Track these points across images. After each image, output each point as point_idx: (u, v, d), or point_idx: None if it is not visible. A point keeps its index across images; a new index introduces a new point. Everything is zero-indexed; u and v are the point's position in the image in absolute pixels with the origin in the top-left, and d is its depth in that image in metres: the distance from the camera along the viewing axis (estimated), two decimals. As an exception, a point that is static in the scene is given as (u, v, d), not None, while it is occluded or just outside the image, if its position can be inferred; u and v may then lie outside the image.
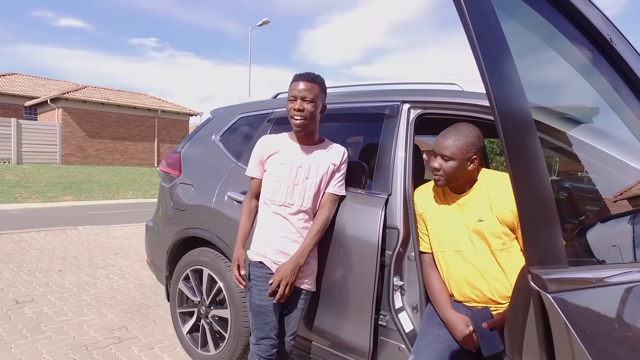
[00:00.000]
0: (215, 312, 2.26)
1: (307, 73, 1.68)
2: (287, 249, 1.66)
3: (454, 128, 1.51)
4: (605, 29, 0.64)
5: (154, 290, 3.65)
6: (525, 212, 0.61)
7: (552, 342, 0.60)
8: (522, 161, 0.61)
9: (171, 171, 2.67)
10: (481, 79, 0.62)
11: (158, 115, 21.57)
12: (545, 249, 0.61)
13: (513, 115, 0.63)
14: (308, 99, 1.62)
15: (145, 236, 2.90)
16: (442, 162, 1.49)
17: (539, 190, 0.62)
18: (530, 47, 0.75)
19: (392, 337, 1.65)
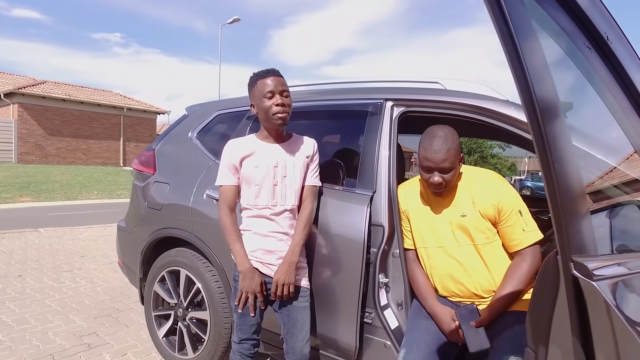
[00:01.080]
0: (193, 314, 2.19)
1: (271, 69, 1.65)
2: (273, 247, 1.63)
3: (438, 139, 1.47)
4: (604, 26, 0.66)
5: (125, 293, 3.51)
6: (561, 202, 0.62)
7: (588, 330, 0.61)
8: (554, 152, 0.62)
9: (145, 169, 2.57)
10: (516, 74, 0.61)
11: (124, 113, 20.81)
12: (583, 237, 0.62)
13: (547, 109, 0.64)
14: (285, 92, 1.61)
15: (117, 237, 2.78)
16: (443, 176, 1.46)
17: (572, 180, 0.63)
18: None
19: (378, 334, 1.66)
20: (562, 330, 0.65)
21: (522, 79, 0.59)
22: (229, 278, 2.01)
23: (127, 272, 2.69)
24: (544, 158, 0.65)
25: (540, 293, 0.75)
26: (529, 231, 1.45)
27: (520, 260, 1.46)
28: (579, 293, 0.63)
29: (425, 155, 1.48)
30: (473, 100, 1.67)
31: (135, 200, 2.60)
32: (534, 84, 0.59)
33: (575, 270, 0.63)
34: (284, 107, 1.59)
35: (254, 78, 1.64)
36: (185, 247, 2.26)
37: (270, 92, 1.58)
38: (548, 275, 0.71)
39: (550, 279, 0.69)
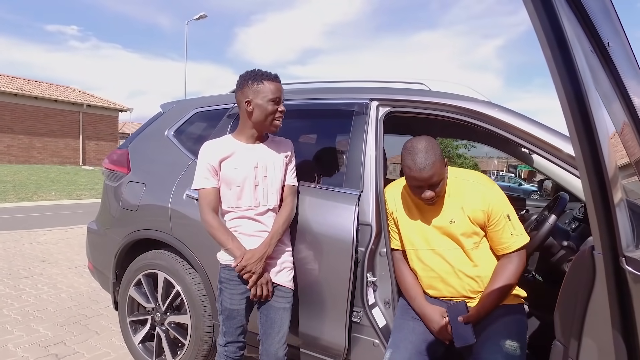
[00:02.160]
0: (172, 319, 2.12)
1: (275, 74, 1.64)
2: (256, 246, 1.60)
3: (420, 155, 1.43)
4: (606, 32, 0.69)
5: (93, 298, 3.35)
6: (610, 198, 0.63)
7: (631, 324, 0.63)
8: (601, 144, 0.63)
9: (118, 168, 2.45)
10: (563, 78, 0.61)
11: (83, 110, 19.84)
12: (627, 232, 0.64)
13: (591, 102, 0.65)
14: (283, 102, 1.64)
15: (87, 240, 2.64)
16: (434, 190, 1.45)
17: (615, 176, 0.65)
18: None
19: (366, 333, 1.66)
20: (598, 324, 0.68)
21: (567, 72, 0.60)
22: (211, 280, 1.96)
23: (99, 277, 2.56)
24: (590, 152, 0.64)
25: (571, 288, 0.78)
26: (516, 235, 1.49)
27: (507, 261, 1.50)
28: (620, 288, 0.65)
29: (412, 175, 1.44)
30: (457, 102, 1.71)
31: (107, 201, 2.48)
32: (588, 91, 0.60)
33: (628, 265, 0.65)
34: (283, 115, 1.62)
35: (260, 76, 1.60)
36: (163, 249, 2.18)
37: (278, 98, 1.59)
38: (582, 271, 0.73)
39: (584, 274, 0.72)
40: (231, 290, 1.60)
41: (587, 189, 0.66)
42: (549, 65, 0.59)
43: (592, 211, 0.65)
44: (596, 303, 0.69)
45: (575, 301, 0.74)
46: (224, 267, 1.62)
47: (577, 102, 0.60)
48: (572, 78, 0.59)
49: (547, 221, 1.68)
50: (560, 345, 0.76)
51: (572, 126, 0.61)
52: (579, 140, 0.62)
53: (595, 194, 0.64)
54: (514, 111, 1.62)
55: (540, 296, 1.91)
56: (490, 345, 1.40)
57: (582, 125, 0.61)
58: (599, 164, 0.62)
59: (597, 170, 0.63)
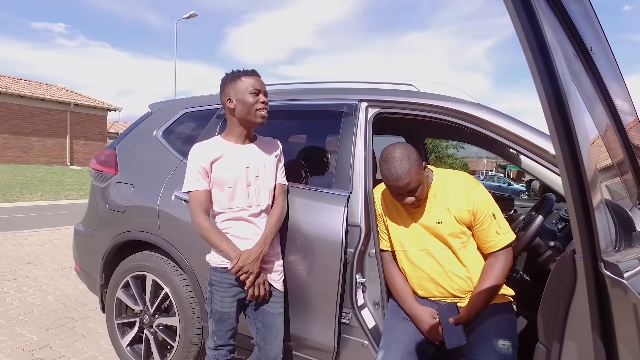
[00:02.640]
0: (161, 321, 2.10)
1: (252, 69, 1.66)
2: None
3: (394, 163, 1.45)
4: (589, 37, 0.70)
5: (80, 301, 3.30)
6: (590, 203, 0.64)
7: (610, 327, 0.64)
8: (581, 149, 0.64)
9: (105, 169, 2.42)
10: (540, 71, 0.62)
11: (70, 109, 19.55)
12: (606, 236, 0.64)
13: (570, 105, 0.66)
14: (265, 93, 1.64)
15: (74, 241, 2.60)
16: (415, 195, 1.48)
17: (594, 180, 0.65)
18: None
19: (355, 334, 1.67)
20: (579, 327, 0.69)
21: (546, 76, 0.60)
22: (200, 282, 1.95)
23: (86, 279, 2.53)
24: (570, 156, 0.65)
25: (553, 291, 0.78)
26: (502, 233, 1.50)
27: (494, 260, 1.52)
28: (600, 291, 0.66)
29: (389, 184, 1.49)
30: (446, 103, 1.72)
31: (95, 202, 2.45)
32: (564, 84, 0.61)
33: (607, 269, 0.65)
34: (266, 106, 1.61)
35: (237, 74, 1.62)
36: (151, 250, 2.16)
37: (257, 90, 1.59)
38: (563, 274, 0.74)
39: (566, 277, 0.72)
40: (222, 293, 1.58)
41: (568, 193, 0.66)
42: (530, 67, 0.60)
43: (573, 215, 0.66)
44: (577, 306, 0.70)
45: (557, 304, 0.75)
46: (215, 270, 1.61)
47: (557, 106, 0.61)
48: (552, 81, 0.59)
49: (535, 222, 1.70)
50: (543, 347, 0.77)
51: (552, 129, 0.62)
52: (559, 143, 0.63)
53: (575, 198, 0.64)
54: (501, 112, 1.64)
55: (528, 296, 1.93)
56: (484, 346, 1.41)
57: (562, 128, 0.61)
58: (579, 168, 0.63)
59: (577, 174, 0.63)
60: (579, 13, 0.67)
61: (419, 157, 1.50)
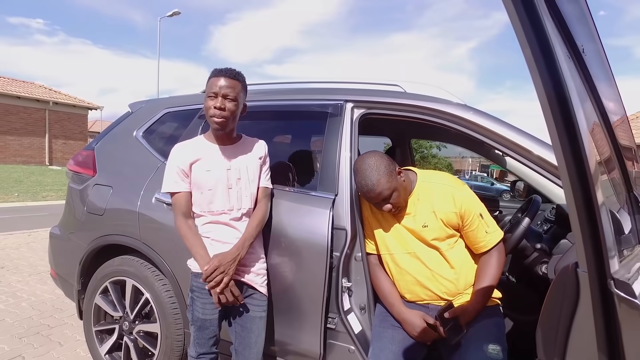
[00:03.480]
0: (141, 327, 2.03)
1: (228, 69, 1.55)
2: None
3: (363, 174, 1.46)
4: (582, 38, 0.68)
5: (57, 307, 3.18)
6: (598, 218, 0.61)
7: (617, 346, 0.61)
8: (588, 161, 0.61)
9: (83, 170, 2.34)
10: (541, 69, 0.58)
11: (49, 107, 19.04)
12: (612, 250, 0.61)
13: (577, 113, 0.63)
14: (230, 97, 1.50)
15: (50, 245, 2.50)
16: (391, 203, 1.47)
17: (599, 193, 0.62)
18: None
19: (341, 339, 1.64)
20: (583, 344, 0.66)
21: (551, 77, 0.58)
22: (182, 287, 1.89)
23: (62, 284, 2.43)
24: (576, 168, 0.61)
25: (554, 305, 0.75)
26: (491, 232, 1.50)
27: (488, 258, 1.51)
28: (607, 309, 0.63)
29: (363, 194, 1.50)
30: (432, 104, 1.70)
31: (72, 205, 2.36)
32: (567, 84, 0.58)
33: (618, 289, 0.62)
34: (223, 112, 1.49)
35: (210, 74, 1.55)
36: (131, 255, 2.09)
37: (214, 93, 1.50)
38: (565, 288, 0.71)
39: (568, 291, 0.69)
40: (203, 299, 1.53)
41: (571, 202, 0.63)
42: (529, 65, 0.57)
43: (577, 227, 0.63)
44: (581, 323, 0.67)
45: (558, 320, 0.72)
46: (196, 276, 1.56)
47: (560, 106, 0.58)
48: (554, 79, 0.57)
49: (521, 224, 1.69)
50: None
51: (554, 130, 0.59)
52: (560, 144, 0.59)
53: (579, 208, 0.61)
54: (487, 114, 1.63)
55: (514, 297, 1.93)
56: (474, 351, 1.40)
57: (565, 130, 0.59)
58: (584, 174, 0.60)
59: (581, 181, 0.60)
60: (573, 13, 0.65)
61: (390, 164, 1.49)
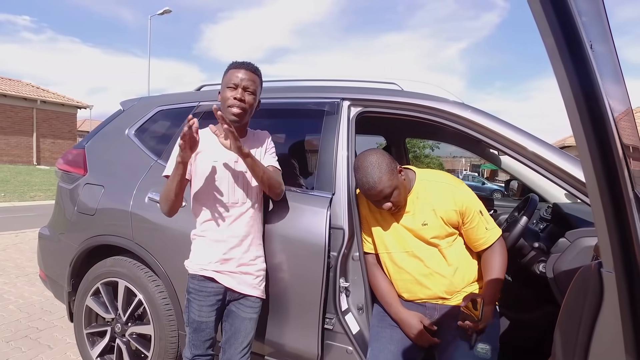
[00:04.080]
0: (134, 329, 1.99)
1: (248, 62, 1.54)
2: (230, 255, 1.52)
3: (365, 172, 1.45)
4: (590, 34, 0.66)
5: (46, 309, 3.12)
6: (616, 212, 0.59)
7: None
8: (602, 165, 0.59)
9: (73, 170, 2.28)
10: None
11: (37, 106, 18.73)
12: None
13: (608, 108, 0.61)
14: (250, 90, 1.50)
15: (39, 246, 2.45)
16: (391, 200, 1.46)
17: (621, 181, 0.60)
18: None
19: (339, 340, 1.62)
20: (607, 347, 0.64)
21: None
22: (176, 287, 1.86)
23: (52, 286, 2.38)
24: (602, 161, 0.60)
25: (574, 307, 0.73)
26: (491, 228, 1.51)
27: (491, 253, 1.51)
28: (636, 311, 0.61)
29: (365, 192, 1.49)
30: (430, 102, 1.69)
31: (62, 205, 2.31)
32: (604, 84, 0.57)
33: None
34: (242, 103, 1.49)
35: (229, 66, 1.54)
36: (123, 255, 2.04)
37: (234, 84, 1.49)
38: (586, 288, 0.69)
39: (591, 292, 0.67)
40: (200, 301, 1.50)
41: (597, 201, 0.60)
42: (552, 55, 0.55)
43: (603, 226, 0.60)
44: (604, 325, 0.65)
45: (579, 322, 0.70)
46: (193, 277, 1.53)
47: (586, 95, 0.56)
48: (582, 69, 0.55)
49: (519, 223, 1.69)
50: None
51: (578, 122, 0.57)
52: (586, 139, 0.57)
53: (606, 205, 0.58)
54: (486, 112, 1.62)
55: (510, 296, 1.93)
56: (462, 349, 1.40)
57: (591, 122, 0.57)
58: (613, 168, 0.57)
59: (606, 169, 0.57)
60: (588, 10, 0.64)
61: (391, 162, 1.48)
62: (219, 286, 1.51)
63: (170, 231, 1.85)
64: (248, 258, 1.54)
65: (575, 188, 1.43)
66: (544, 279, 1.66)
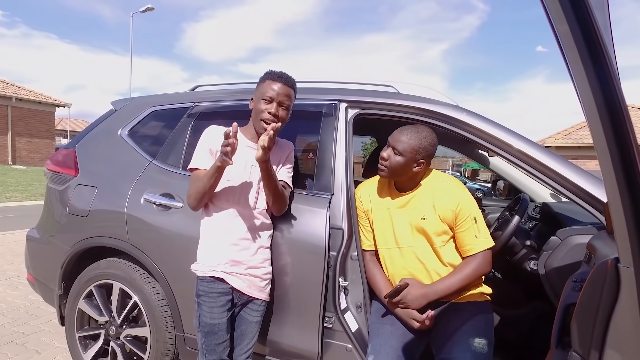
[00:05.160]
0: (129, 332, 1.97)
1: (285, 74, 1.54)
2: (239, 257, 1.53)
3: (414, 127, 1.58)
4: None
5: (32, 313, 3.04)
6: (636, 202, 0.62)
7: None
8: (621, 159, 0.62)
9: (64, 170, 2.24)
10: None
11: (12, 103, 18.14)
12: None
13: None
14: (285, 105, 1.51)
15: (27, 249, 2.39)
16: (391, 154, 1.54)
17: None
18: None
19: (338, 338, 1.64)
20: (624, 337, 0.68)
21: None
22: (173, 289, 1.85)
23: (41, 289, 2.33)
24: (620, 155, 0.62)
25: (591, 300, 0.78)
26: (481, 238, 1.53)
27: (471, 259, 1.54)
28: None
29: (394, 133, 1.59)
30: (426, 105, 1.74)
31: (52, 206, 2.26)
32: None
33: None
34: (275, 118, 1.49)
35: (266, 75, 1.54)
36: (117, 257, 2.02)
37: (270, 98, 1.49)
38: (604, 282, 0.73)
39: (608, 286, 0.72)
40: (211, 303, 1.49)
41: (615, 196, 0.64)
42: (566, 44, 0.57)
43: (622, 222, 0.65)
44: (621, 315, 0.70)
45: (596, 313, 0.75)
46: (202, 280, 1.52)
47: (602, 83, 0.59)
48: (600, 60, 0.58)
49: (511, 222, 1.75)
50: (578, 356, 0.78)
51: (594, 112, 0.60)
52: (603, 128, 0.59)
53: (623, 196, 0.62)
54: (480, 115, 1.67)
55: (500, 293, 1.99)
56: (460, 344, 1.44)
57: (607, 110, 0.59)
58: (631, 163, 0.61)
59: (624, 164, 0.60)
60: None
61: (429, 154, 1.56)
62: (228, 287, 1.51)
63: (168, 232, 1.85)
64: (257, 261, 1.56)
65: (563, 187, 1.49)
66: (534, 276, 1.73)
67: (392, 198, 1.64)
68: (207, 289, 1.50)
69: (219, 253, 1.52)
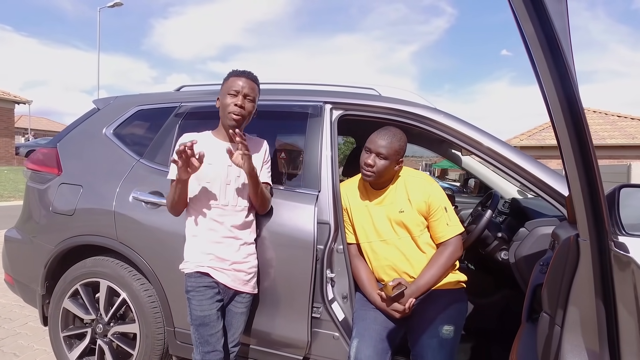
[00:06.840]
0: (117, 329, 1.99)
1: (248, 71, 1.65)
2: (223, 255, 1.59)
3: (389, 131, 1.68)
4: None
5: (5, 317, 2.96)
6: (592, 190, 0.75)
7: (609, 291, 0.78)
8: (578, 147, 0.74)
9: (45, 169, 2.22)
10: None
11: (-33, 100, 17.17)
12: (612, 220, 0.77)
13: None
14: (250, 97, 1.61)
15: (5, 250, 2.34)
16: (376, 160, 1.64)
17: (596, 170, 0.78)
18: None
19: (325, 327, 1.73)
20: (582, 295, 0.83)
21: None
22: (163, 284, 1.89)
23: (21, 290, 2.29)
24: (579, 145, 0.75)
25: (558, 268, 0.93)
26: (452, 225, 1.68)
27: (443, 248, 1.68)
28: (604, 267, 0.80)
29: (371, 139, 1.68)
30: (406, 107, 1.86)
31: (33, 205, 2.24)
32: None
33: (616, 247, 0.79)
34: (242, 110, 1.58)
35: (230, 73, 1.63)
36: (104, 255, 2.03)
37: (235, 91, 1.58)
38: (568, 254, 0.88)
39: (571, 256, 0.86)
40: (199, 297, 1.55)
41: (576, 183, 0.78)
42: (532, 43, 0.69)
43: (580, 202, 0.79)
44: (581, 278, 0.85)
45: (561, 280, 0.89)
46: (189, 276, 1.58)
47: (561, 76, 0.71)
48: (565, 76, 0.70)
49: (485, 216, 1.90)
50: (547, 315, 0.91)
51: (558, 107, 0.73)
52: (563, 116, 0.73)
53: (583, 188, 0.77)
54: (456, 117, 1.81)
55: (473, 283, 2.15)
56: (430, 331, 1.58)
57: (567, 102, 0.72)
58: (588, 155, 0.74)
59: (585, 161, 0.74)
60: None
61: (404, 153, 1.69)
62: (213, 281, 1.58)
63: (157, 229, 1.88)
64: (240, 257, 1.63)
65: (530, 182, 1.65)
66: (504, 265, 1.89)
67: (369, 196, 1.76)
68: (195, 284, 1.56)
69: (203, 252, 1.59)
